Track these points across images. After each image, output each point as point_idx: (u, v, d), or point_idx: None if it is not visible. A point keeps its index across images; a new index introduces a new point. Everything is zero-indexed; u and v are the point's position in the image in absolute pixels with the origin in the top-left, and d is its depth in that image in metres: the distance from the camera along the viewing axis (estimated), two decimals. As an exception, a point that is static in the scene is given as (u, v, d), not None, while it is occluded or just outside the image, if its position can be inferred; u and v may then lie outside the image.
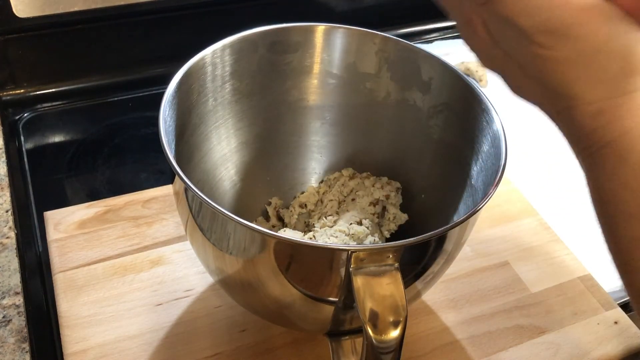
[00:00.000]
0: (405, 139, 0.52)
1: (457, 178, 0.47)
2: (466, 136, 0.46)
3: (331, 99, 0.52)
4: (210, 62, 0.46)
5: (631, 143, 0.26)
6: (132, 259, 0.53)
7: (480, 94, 0.45)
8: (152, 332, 0.48)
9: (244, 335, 0.48)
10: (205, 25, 0.77)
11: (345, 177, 0.54)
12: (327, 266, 0.37)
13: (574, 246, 0.58)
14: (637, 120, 0.26)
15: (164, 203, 0.57)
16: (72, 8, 0.69)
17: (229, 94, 0.49)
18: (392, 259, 0.35)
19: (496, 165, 0.41)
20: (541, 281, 0.54)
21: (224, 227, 0.38)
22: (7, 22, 0.67)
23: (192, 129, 0.47)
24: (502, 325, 0.51)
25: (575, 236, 0.61)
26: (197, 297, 0.50)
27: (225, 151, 0.51)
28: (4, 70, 0.71)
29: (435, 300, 0.52)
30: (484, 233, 0.57)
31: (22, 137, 0.69)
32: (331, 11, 0.83)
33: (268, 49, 0.49)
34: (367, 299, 0.34)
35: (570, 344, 0.50)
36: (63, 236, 0.53)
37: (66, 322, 0.48)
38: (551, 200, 0.65)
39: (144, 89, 0.76)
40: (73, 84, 0.74)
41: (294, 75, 0.51)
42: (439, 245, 0.38)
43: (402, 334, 0.34)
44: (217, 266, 0.42)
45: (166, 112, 0.41)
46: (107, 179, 0.65)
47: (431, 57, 0.48)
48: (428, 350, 0.49)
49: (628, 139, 0.26)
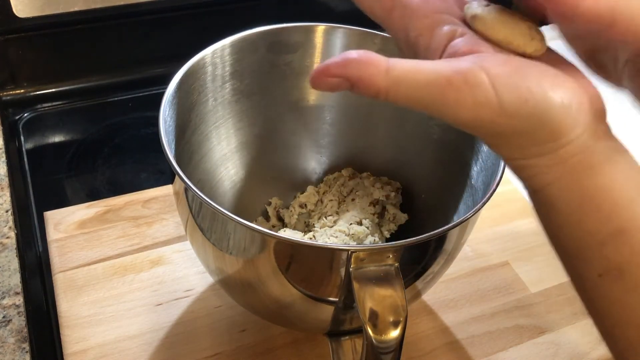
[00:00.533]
0: (405, 139, 0.52)
1: (457, 178, 0.47)
2: (466, 136, 0.46)
3: (331, 99, 0.52)
4: (211, 62, 0.46)
5: (555, 193, 0.28)
6: (132, 259, 0.53)
7: None
8: (152, 332, 0.48)
9: (244, 335, 0.48)
10: (205, 25, 0.76)
11: (345, 177, 0.54)
12: (327, 266, 0.37)
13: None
14: (556, 175, 0.28)
15: (164, 203, 0.57)
16: (72, 8, 0.69)
17: (229, 93, 0.49)
18: (392, 259, 0.35)
19: (496, 165, 0.41)
20: (541, 281, 0.54)
21: (224, 227, 0.38)
22: (7, 22, 0.67)
23: (192, 129, 0.47)
24: (502, 325, 0.51)
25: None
26: (197, 297, 0.50)
27: (225, 151, 0.51)
28: (4, 70, 0.71)
29: (435, 300, 0.52)
30: (484, 233, 0.57)
31: (22, 137, 0.69)
32: (331, 11, 0.83)
33: (268, 49, 0.49)
34: (367, 298, 0.34)
35: (570, 344, 0.50)
36: (63, 236, 0.54)
37: (66, 322, 0.48)
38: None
39: (144, 89, 0.75)
40: (73, 84, 0.74)
41: (294, 75, 0.51)
42: (439, 245, 0.38)
43: (402, 334, 0.34)
44: (217, 266, 0.42)
45: (166, 112, 0.41)
46: (107, 179, 0.65)
47: None
48: (428, 350, 0.49)
49: (551, 189, 0.28)
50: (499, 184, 0.39)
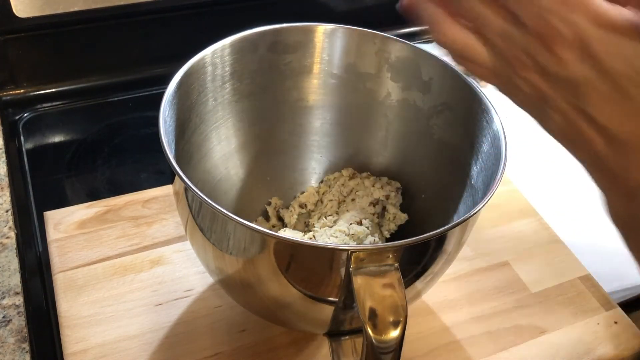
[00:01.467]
0: (405, 139, 0.52)
1: (457, 178, 0.47)
2: (466, 136, 0.46)
3: (331, 99, 0.52)
4: (211, 62, 0.46)
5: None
6: (132, 259, 0.53)
7: (480, 94, 0.45)
8: (152, 332, 0.48)
9: (244, 335, 0.48)
10: (205, 25, 0.77)
11: (345, 177, 0.54)
12: (327, 266, 0.37)
13: (574, 246, 0.58)
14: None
15: (164, 203, 0.57)
16: (72, 8, 0.69)
17: (229, 93, 0.49)
18: (392, 259, 0.35)
19: (496, 165, 0.41)
20: (541, 281, 0.54)
21: (224, 227, 0.38)
22: (7, 22, 0.67)
23: (192, 129, 0.47)
24: (502, 325, 0.51)
25: (575, 236, 0.61)
26: (197, 297, 0.50)
27: (225, 151, 0.51)
28: (4, 70, 0.71)
29: (435, 300, 0.52)
30: (484, 233, 0.57)
31: (22, 137, 0.69)
32: (331, 11, 0.83)
33: (268, 49, 0.49)
34: (367, 298, 0.34)
35: (570, 344, 0.50)
36: (63, 236, 0.53)
37: (66, 322, 0.48)
38: (551, 200, 0.65)
39: (144, 89, 0.75)
40: (73, 84, 0.74)
41: (294, 75, 0.51)
42: (439, 245, 0.38)
43: (402, 334, 0.34)
44: (217, 266, 0.42)
45: (166, 112, 0.41)
46: (107, 179, 0.65)
47: (431, 57, 0.48)
48: (428, 350, 0.49)
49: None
50: (499, 184, 0.39)
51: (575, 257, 0.57)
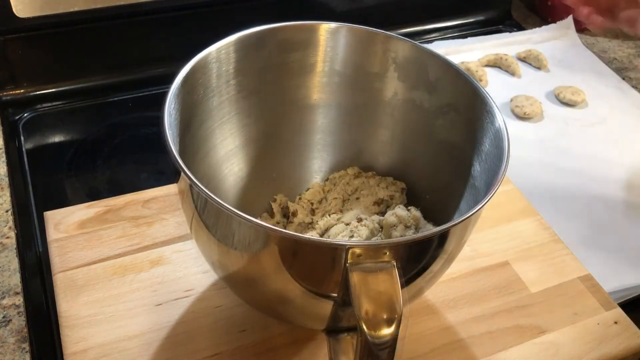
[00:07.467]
0: (411, 139, 0.52)
1: (460, 179, 0.47)
2: (470, 137, 0.46)
3: (337, 97, 0.52)
4: (216, 58, 0.46)
5: None
6: (132, 259, 0.52)
7: (485, 95, 0.45)
8: (152, 332, 0.48)
9: (244, 335, 0.48)
10: (205, 25, 0.77)
11: (350, 175, 0.54)
12: (326, 262, 0.37)
13: (574, 246, 0.58)
14: None
15: (164, 203, 0.57)
16: (72, 8, 0.69)
17: (235, 90, 0.49)
18: (389, 256, 0.35)
19: (498, 166, 0.41)
20: (541, 281, 0.54)
21: (229, 224, 0.38)
22: (7, 22, 0.67)
23: (197, 125, 0.47)
24: (502, 325, 0.51)
25: (575, 236, 0.61)
26: (197, 297, 0.50)
27: (230, 147, 0.51)
28: (4, 70, 0.71)
29: (435, 300, 0.52)
30: (484, 233, 0.57)
31: (22, 137, 0.69)
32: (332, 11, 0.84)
33: (274, 47, 0.49)
34: (362, 295, 0.34)
35: (570, 344, 0.50)
36: (63, 236, 0.53)
37: (66, 322, 0.48)
38: (551, 200, 0.65)
39: (144, 89, 0.76)
40: (73, 84, 0.74)
41: (299, 73, 0.51)
42: (438, 244, 0.38)
43: (397, 331, 0.34)
44: (221, 262, 0.42)
45: (171, 106, 0.41)
46: (107, 179, 0.65)
47: (437, 58, 0.48)
48: (428, 350, 0.49)
49: None
50: (499, 185, 0.39)
51: (575, 257, 0.57)
